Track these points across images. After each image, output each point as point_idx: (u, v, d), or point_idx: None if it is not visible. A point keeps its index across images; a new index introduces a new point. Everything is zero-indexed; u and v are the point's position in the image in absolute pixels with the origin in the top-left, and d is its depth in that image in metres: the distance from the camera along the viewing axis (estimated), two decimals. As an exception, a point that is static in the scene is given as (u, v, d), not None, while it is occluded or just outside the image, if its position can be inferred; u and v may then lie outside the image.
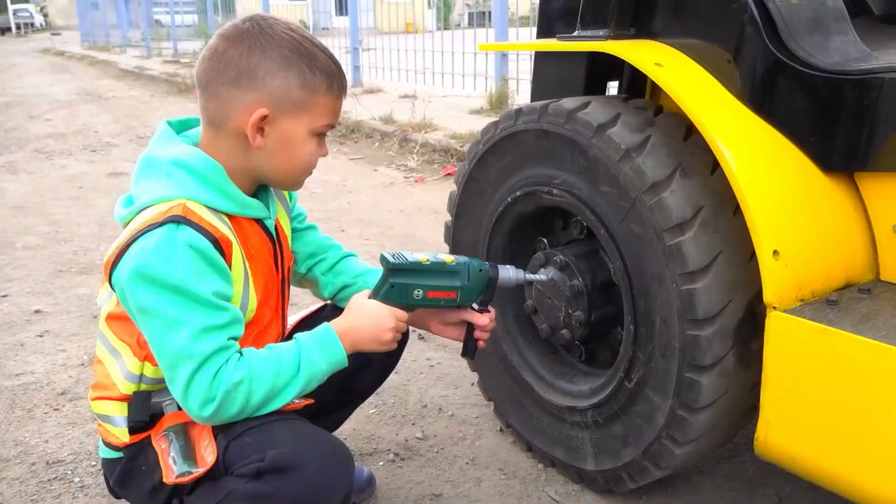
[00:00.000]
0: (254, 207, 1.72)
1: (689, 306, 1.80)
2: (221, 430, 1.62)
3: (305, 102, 1.63)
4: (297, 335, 1.66)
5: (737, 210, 1.80)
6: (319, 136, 1.68)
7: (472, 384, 2.89)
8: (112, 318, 1.67)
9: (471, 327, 1.86)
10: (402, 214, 5.36)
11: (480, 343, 1.90)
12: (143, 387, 1.69)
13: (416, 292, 1.72)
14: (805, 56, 1.82)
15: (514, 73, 8.21)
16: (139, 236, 1.56)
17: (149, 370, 1.67)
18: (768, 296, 1.69)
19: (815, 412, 1.65)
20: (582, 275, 2.12)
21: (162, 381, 1.66)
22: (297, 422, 1.64)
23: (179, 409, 1.66)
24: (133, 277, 1.54)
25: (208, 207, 1.63)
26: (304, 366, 1.61)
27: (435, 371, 3.04)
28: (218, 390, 1.54)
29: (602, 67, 2.36)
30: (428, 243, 4.62)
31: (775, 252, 1.69)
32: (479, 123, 7.13)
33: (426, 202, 5.63)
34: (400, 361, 2.16)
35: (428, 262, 1.73)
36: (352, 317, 1.71)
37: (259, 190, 1.77)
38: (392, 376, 2.94)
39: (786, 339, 1.67)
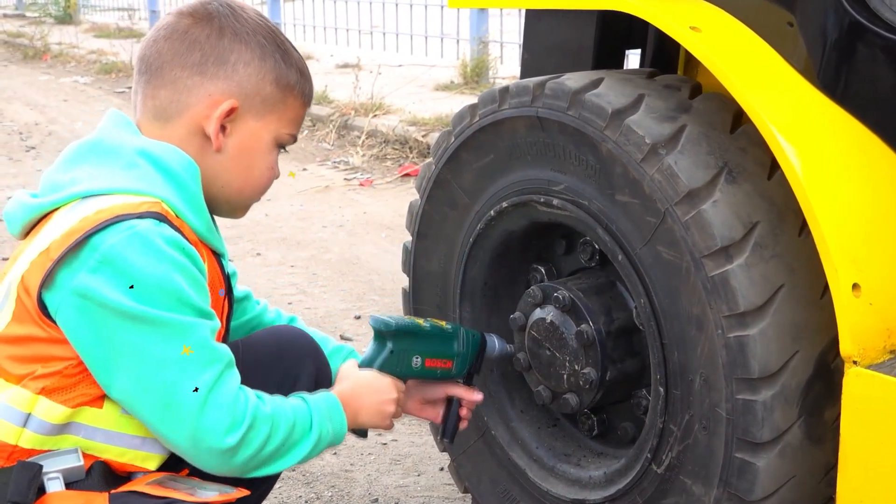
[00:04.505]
0: (216, 235, 1.84)
1: (741, 360, 1.83)
2: None
3: (276, 101, 1.84)
4: (300, 394, 1.85)
5: (803, 228, 1.84)
6: (279, 150, 1.90)
7: (442, 469, 2.90)
8: (5, 340, 1.68)
9: (452, 405, 2.11)
10: (343, 231, 5.36)
11: (464, 423, 2.13)
12: (26, 438, 1.67)
13: (414, 360, 2.02)
14: (894, 17, 1.87)
15: (497, 34, 8.26)
16: (102, 228, 1.62)
17: (43, 409, 1.66)
18: (846, 346, 1.73)
19: (911, 505, 1.68)
20: (593, 317, 2.15)
21: (54, 433, 1.67)
22: None
23: (68, 485, 1.67)
24: (112, 277, 1.61)
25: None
26: (315, 425, 1.79)
27: (389, 451, 3.04)
28: (245, 413, 1.68)
29: (618, 31, 2.40)
30: (379, 273, 4.63)
31: (856, 286, 1.73)
32: (450, 105, 7.17)
33: (375, 214, 5.64)
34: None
35: (427, 326, 2.05)
36: (349, 386, 1.93)
37: None
38: (328, 457, 2.94)
39: (871, 404, 1.71)
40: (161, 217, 1.67)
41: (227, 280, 1.89)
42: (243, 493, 1.73)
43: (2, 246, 5.09)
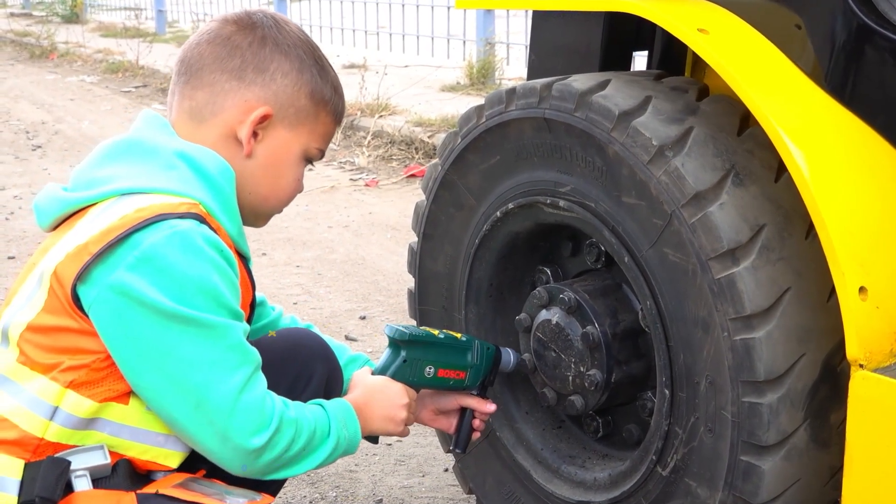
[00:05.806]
0: (245, 240, 1.87)
1: (747, 363, 1.83)
2: None
3: (309, 114, 1.89)
4: (318, 400, 1.88)
5: (810, 231, 1.84)
6: (306, 163, 1.93)
7: (446, 470, 2.90)
8: (34, 329, 1.70)
9: (465, 415, 2.15)
10: (348, 231, 5.37)
11: (476, 434, 2.16)
12: (52, 432, 1.67)
13: (427, 369, 2.05)
14: (901, 21, 1.87)
15: (504, 35, 8.27)
16: (143, 226, 1.65)
17: (70, 402, 1.66)
18: (853, 349, 1.73)
19: (917, 509, 1.68)
20: (599, 319, 2.15)
21: (81, 427, 1.67)
22: None
23: (94, 483, 1.67)
24: (152, 275, 1.63)
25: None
26: (333, 431, 1.83)
27: (394, 452, 3.04)
28: (272, 415, 1.71)
29: (625, 32, 2.40)
30: (385, 273, 4.64)
31: (862, 289, 1.73)
32: (456, 106, 7.18)
33: (381, 214, 5.65)
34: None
35: (441, 336, 2.08)
36: (361, 393, 1.96)
37: None
38: (334, 459, 2.94)
39: (877, 407, 1.70)
40: (201, 218, 1.70)
41: (253, 284, 1.91)
42: (269, 499, 1.76)
43: (8, 245, 5.10)
